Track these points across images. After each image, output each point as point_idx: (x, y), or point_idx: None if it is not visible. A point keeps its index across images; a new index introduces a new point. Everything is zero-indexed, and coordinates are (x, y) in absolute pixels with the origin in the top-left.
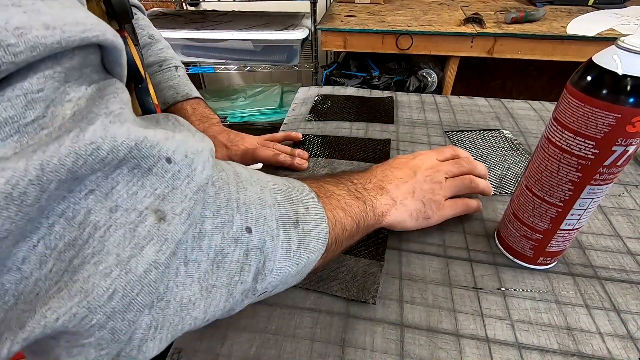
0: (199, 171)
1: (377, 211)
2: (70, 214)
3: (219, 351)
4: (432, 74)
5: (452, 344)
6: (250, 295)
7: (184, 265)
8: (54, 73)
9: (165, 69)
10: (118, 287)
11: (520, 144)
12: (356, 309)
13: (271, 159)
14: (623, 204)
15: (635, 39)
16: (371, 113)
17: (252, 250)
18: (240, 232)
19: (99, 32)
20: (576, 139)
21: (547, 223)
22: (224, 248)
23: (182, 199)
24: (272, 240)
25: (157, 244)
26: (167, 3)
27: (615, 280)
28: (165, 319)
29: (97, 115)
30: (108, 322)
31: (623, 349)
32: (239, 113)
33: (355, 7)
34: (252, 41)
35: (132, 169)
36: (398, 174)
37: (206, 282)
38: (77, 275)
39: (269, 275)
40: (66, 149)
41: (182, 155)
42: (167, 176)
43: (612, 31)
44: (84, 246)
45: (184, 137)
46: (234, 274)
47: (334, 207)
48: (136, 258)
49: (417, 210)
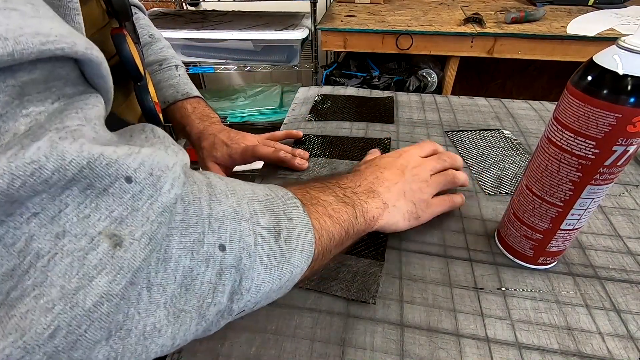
0: (165, 190)
1: (368, 216)
2: (9, 240)
3: (219, 351)
4: (432, 74)
5: (452, 344)
6: (226, 315)
7: (146, 291)
8: (5, 87)
9: (165, 68)
10: (61, 323)
11: (520, 143)
12: (356, 309)
13: (271, 155)
14: (623, 203)
15: (636, 38)
16: (371, 113)
17: (226, 269)
18: (212, 251)
19: (65, 45)
20: (577, 139)
21: (548, 223)
22: (194, 269)
23: (143, 222)
24: (249, 257)
25: (110, 273)
26: (167, 3)
27: (616, 280)
28: (126, 349)
29: (46, 130)
30: None
31: (623, 349)
32: (239, 113)
33: (355, 7)
34: (252, 41)
35: (83, 190)
36: (388, 175)
37: (173, 307)
38: (13, 310)
39: (246, 294)
40: (0, 169)
41: (145, 173)
42: (126, 197)
43: (612, 31)
44: (23, 277)
45: (153, 152)
46: (206, 295)
47: (320, 215)
48: (84, 290)
49: (409, 211)
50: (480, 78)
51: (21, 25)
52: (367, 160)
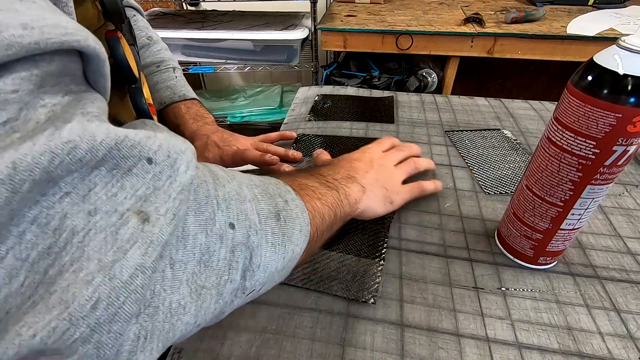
0: (182, 171)
1: (351, 199)
2: (43, 220)
3: (219, 351)
4: (432, 73)
5: (452, 344)
6: (239, 294)
7: (170, 268)
8: (31, 75)
9: (163, 70)
10: (102, 295)
11: (520, 143)
12: (356, 309)
13: (259, 159)
14: (623, 203)
15: (636, 38)
16: (371, 113)
17: (237, 246)
18: (224, 229)
19: (80, 37)
20: (577, 139)
21: (548, 223)
22: (210, 246)
23: (165, 200)
24: (256, 235)
25: (142, 246)
26: (167, 3)
27: (616, 280)
28: (155, 327)
29: (73, 114)
30: (93, 336)
31: (623, 349)
32: (239, 113)
33: (355, 7)
34: (252, 41)
35: (110, 170)
36: (359, 165)
37: (195, 283)
38: (54, 286)
39: (257, 271)
40: (41, 147)
41: (164, 155)
42: (148, 177)
43: (612, 31)
44: (60, 254)
45: (167, 137)
46: (223, 272)
47: (310, 199)
48: (120, 262)
49: (384, 196)
50: (480, 78)
51: (43, 16)
52: (329, 159)
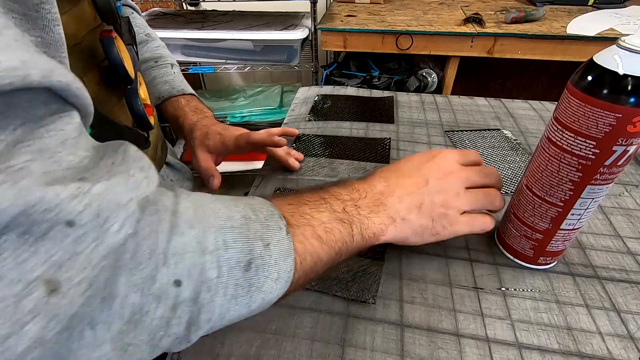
0: (113, 231)
1: (368, 232)
2: None
3: (219, 351)
4: (432, 73)
5: (452, 344)
6: (184, 342)
7: (89, 329)
8: None
9: (161, 65)
10: None
11: (520, 143)
12: (356, 309)
13: (266, 139)
14: (623, 203)
15: (636, 38)
16: (371, 113)
17: (182, 304)
18: (165, 287)
19: (13, 79)
20: (577, 139)
21: (548, 223)
22: (144, 306)
23: (84, 266)
24: (208, 292)
25: (43, 319)
26: (167, 3)
27: (616, 280)
28: None
29: None
30: None
31: (623, 349)
32: (239, 113)
33: (355, 7)
34: (252, 41)
35: (21, 235)
36: (404, 183)
37: (121, 341)
38: None
39: (205, 325)
40: None
41: (91, 215)
42: (66, 241)
43: (612, 31)
44: None
45: (106, 188)
46: (158, 330)
47: (306, 238)
48: (16, 336)
49: (423, 226)
50: (480, 78)
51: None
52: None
